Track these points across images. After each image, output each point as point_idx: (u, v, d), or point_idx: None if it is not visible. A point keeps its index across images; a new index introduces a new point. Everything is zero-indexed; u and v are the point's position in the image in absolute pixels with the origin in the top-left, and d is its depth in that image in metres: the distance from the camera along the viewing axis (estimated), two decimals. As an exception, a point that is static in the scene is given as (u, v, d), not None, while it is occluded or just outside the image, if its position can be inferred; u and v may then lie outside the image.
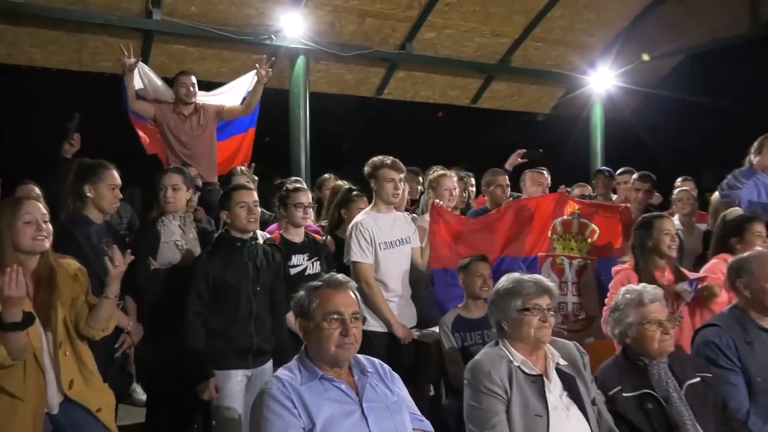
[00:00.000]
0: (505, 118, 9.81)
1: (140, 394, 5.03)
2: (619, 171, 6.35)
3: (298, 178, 5.38)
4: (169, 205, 3.88)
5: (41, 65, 6.62)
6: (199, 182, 5.02)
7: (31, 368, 2.59)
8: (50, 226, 2.74)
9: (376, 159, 4.18)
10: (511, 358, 2.64)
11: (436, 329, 4.19)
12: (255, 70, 5.61)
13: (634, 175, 5.72)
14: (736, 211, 4.56)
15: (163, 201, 3.89)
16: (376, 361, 2.55)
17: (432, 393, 4.73)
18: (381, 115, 9.64)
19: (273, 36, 6.80)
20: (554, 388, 2.63)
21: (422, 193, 5.47)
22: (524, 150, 6.04)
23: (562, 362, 2.71)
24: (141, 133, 5.58)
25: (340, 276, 2.47)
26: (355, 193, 4.57)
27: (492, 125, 8.98)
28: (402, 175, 4.18)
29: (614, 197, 6.33)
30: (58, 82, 7.12)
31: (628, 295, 2.94)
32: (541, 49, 8.42)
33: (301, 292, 2.43)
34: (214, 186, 5.39)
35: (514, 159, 6.01)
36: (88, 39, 6.50)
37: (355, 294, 2.43)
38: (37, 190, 4.15)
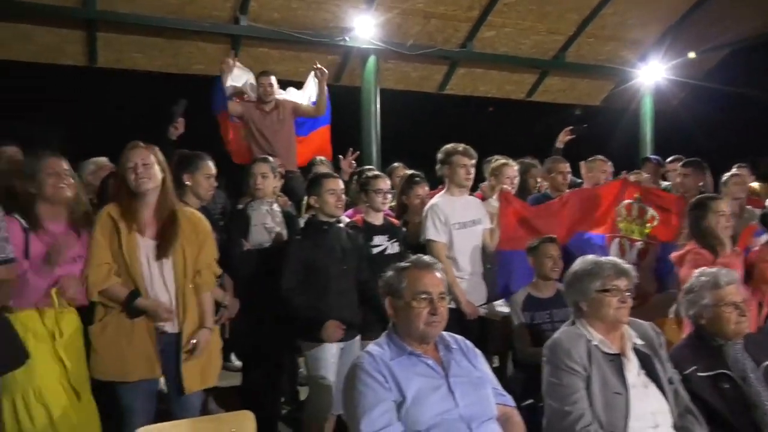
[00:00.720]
0: (556, 111, 9.44)
1: (234, 361, 5.04)
2: (669, 159, 5.98)
3: (371, 167, 5.26)
4: (259, 191, 3.85)
5: (144, 69, 6.69)
6: (282, 171, 4.98)
7: (144, 294, 2.73)
8: (154, 170, 2.79)
9: (448, 146, 4.07)
10: (590, 337, 2.44)
11: (504, 308, 4.04)
12: (313, 72, 5.51)
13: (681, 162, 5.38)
14: None
15: (253, 188, 3.86)
16: (459, 337, 2.40)
17: (497, 364, 4.58)
18: (440, 110, 9.43)
19: (346, 38, 6.67)
20: (632, 367, 2.42)
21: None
22: (571, 127, 5.71)
23: (639, 342, 2.49)
24: (222, 128, 5.60)
25: (427, 258, 2.33)
26: (415, 179, 4.41)
27: (544, 118, 8.63)
28: (473, 161, 4.04)
29: (664, 184, 5.97)
30: (158, 83, 7.18)
31: (703, 278, 2.69)
32: (594, 45, 8.02)
33: (390, 273, 2.29)
34: (295, 173, 5.35)
35: (563, 136, 5.60)
36: (183, 44, 6.53)
37: (441, 274, 2.28)
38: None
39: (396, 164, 5.68)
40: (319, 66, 5.42)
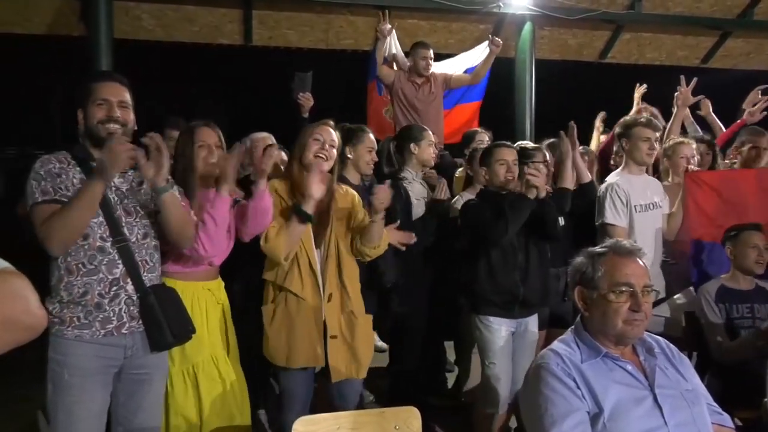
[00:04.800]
0: (738, 79, 8.28)
1: (377, 341, 4.92)
2: None
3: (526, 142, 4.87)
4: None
5: (295, 45, 6.71)
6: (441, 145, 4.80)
7: (306, 274, 2.68)
8: (334, 152, 2.77)
9: (628, 118, 3.67)
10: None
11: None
12: (487, 42, 5.29)
13: None
14: None
15: (430, 158, 3.82)
16: (662, 340, 2.00)
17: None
18: (601, 81, 8.65)
19: (500, 4, 6.21)
20: None
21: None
22: (764, 86, 4.78)
23: None
24: (370, 104, 5.49)
25: (627, 243, 1.95)
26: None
27: (725, 87, 7.59)
28: (657, 134, 3.55)
29: None
30: (308, 60, 7.22)
31: None
32: (791, -3, 6.86)
33: (581, 258, 1.95)
34: (443, 150, 5.11)
35: (754, 96, 4.65)
36: (333, 19, 6.43)
37: (644, 263, 1.89)
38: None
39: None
40: (496, 38, 5.25)
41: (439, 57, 5.78)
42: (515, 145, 3.90)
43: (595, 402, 1.76)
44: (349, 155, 3.39)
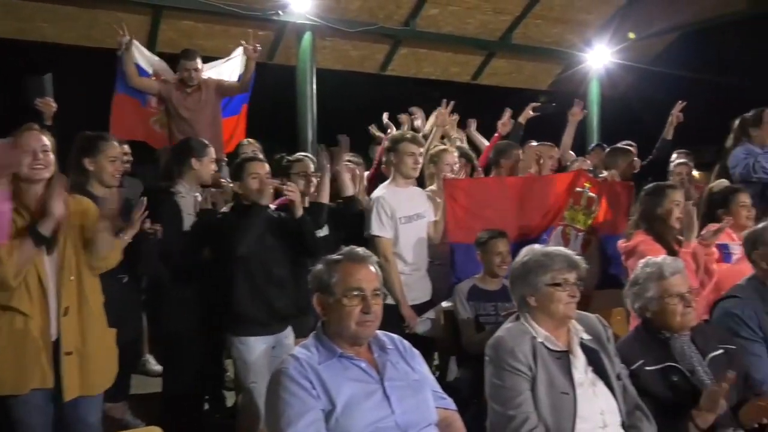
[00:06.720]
0: (505, 95, 9.47)
1: (153, 364, 4.79)
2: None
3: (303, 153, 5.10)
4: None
5: (53, 41, 6.26)
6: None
7: (35, 289, 2.55)
8: (50, 157, 2.58)
9: (396, 133, 4.02)
10: (534, 334, 2.37)
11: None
12: (242, 47, 5.23)
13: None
14: (722, 182, 4.35)
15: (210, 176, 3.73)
16: (396, 337, 2.29)
17: (436, 362, 4.52)
18: (383, 92, 9.28)
19: (280, 12, 6.42)
20: (579, 364, 2.36)
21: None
22: (537, 103, 5.64)
23: (586, 336, 2.44)
24: (115, 112, 5.25)
25: (360, 250, 2.19)
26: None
27: (492, 102, 8.62)
28: (422, 149, 3.94)
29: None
30: (69, 58, 6.76)
31: (647, 269, 2.67)
32: (541, 26, 8.03)
33: (320, 266, 2.16)
34: (222, 163, 5.08)
35: (526, 113, 5.47)
36: (100, 15, 6.12)
37: (375, 269, 2.16)
38: None
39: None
40: (249, 45, 5.14)
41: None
42: (295, 155, 4.09)
43: (329, 400, 1.97)
44: (89, 167, 3.24)
